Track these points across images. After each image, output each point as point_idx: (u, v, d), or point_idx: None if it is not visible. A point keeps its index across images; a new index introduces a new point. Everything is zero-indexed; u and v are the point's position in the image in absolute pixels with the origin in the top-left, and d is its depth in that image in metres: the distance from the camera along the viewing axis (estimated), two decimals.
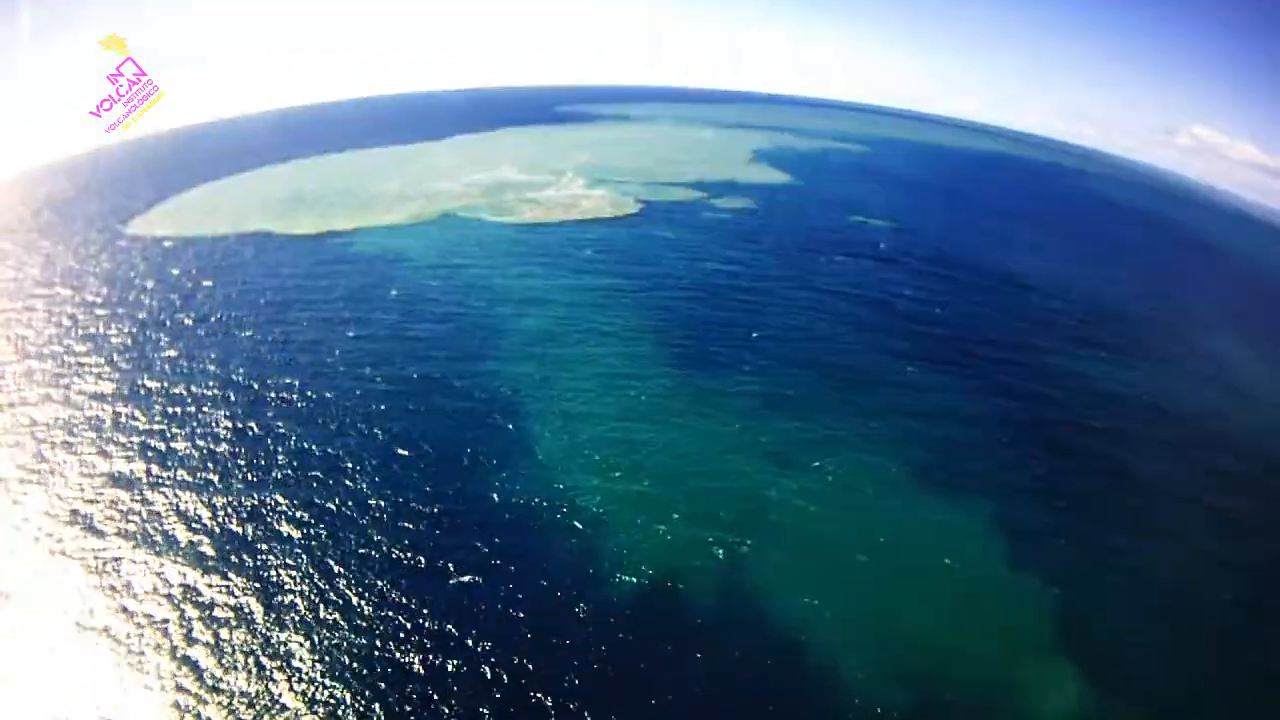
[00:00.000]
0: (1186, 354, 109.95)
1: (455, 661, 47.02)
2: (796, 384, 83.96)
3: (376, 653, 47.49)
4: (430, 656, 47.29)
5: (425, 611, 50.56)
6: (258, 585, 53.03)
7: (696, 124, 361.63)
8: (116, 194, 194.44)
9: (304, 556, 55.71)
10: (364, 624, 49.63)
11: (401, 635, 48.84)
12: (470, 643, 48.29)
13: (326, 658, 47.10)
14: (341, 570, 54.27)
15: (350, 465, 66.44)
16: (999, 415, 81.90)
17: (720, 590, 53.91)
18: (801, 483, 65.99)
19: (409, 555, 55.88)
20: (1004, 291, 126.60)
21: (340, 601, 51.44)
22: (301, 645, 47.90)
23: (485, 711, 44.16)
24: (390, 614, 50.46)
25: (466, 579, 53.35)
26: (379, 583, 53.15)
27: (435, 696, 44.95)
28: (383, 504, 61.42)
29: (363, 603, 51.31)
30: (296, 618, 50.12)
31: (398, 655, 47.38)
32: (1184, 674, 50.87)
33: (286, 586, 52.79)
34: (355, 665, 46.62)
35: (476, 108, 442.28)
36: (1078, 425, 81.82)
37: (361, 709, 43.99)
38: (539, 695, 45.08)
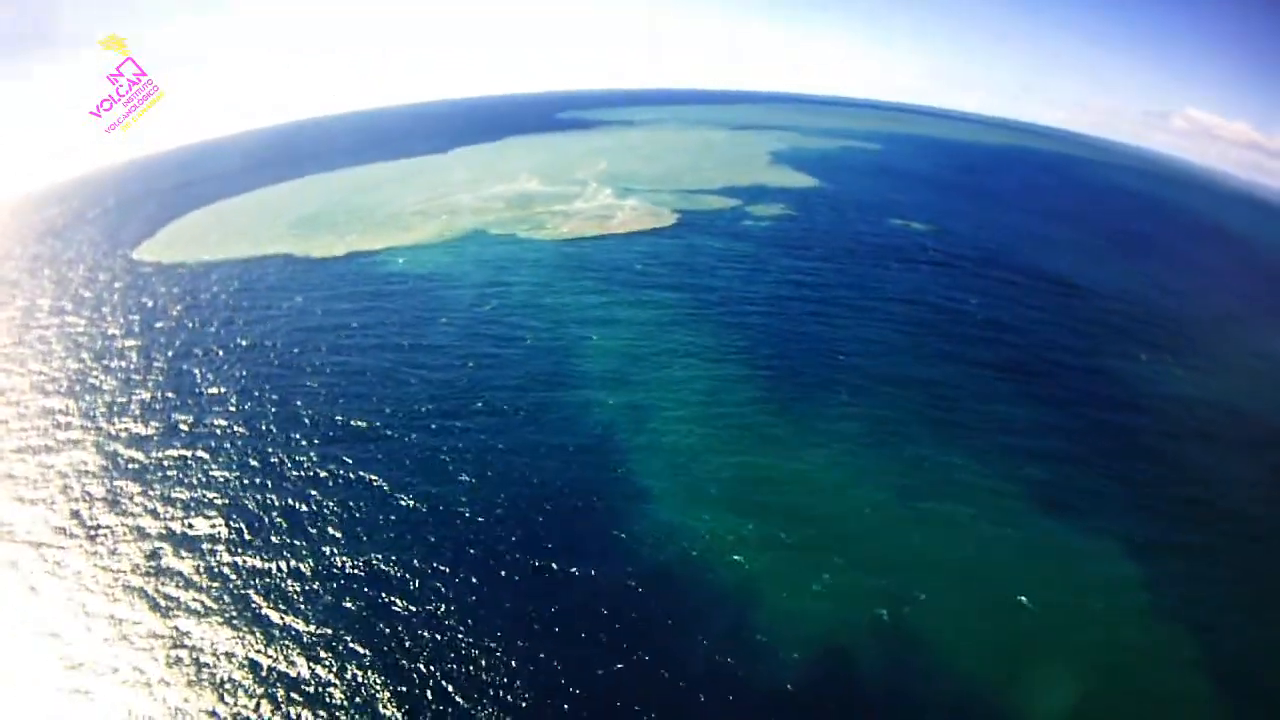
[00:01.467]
0: (1241, 353, 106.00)
1: None
2: (894, 405, 77.92)
3: None
4: None
5: (591, 700, 43.33)
6: (381, 675, 45.38)
7: (703, 126, 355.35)
8: (119, 218, 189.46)
9: (428, 635, 48.16)
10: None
11: None
12: None
13: None
14: (477, 652, 46.64)
15: (455, 520, 59.02)
16: (1093, 426, 78.10)
17: (891, 656, 47.32)
18: (938, 521, 59.94)
19: (552, 627, 48.53)
20: (1057, 294, 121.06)
21: (489, 693, 43.91)
22: None
23: None
24: (552, 702, 43.15)
25: (622, 664, 45.92)
26: (524, 665, 45.68)
27: None
28: (505, 570, 53.90)
29: (515, 695, 43.80)
30: (436, 716, 42.63)
31: None
32: None
33: (417, 676, 45.13)
34: None
35: (475, 118, 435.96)
36: (1165, 432, 78.49)
37: None
38: None
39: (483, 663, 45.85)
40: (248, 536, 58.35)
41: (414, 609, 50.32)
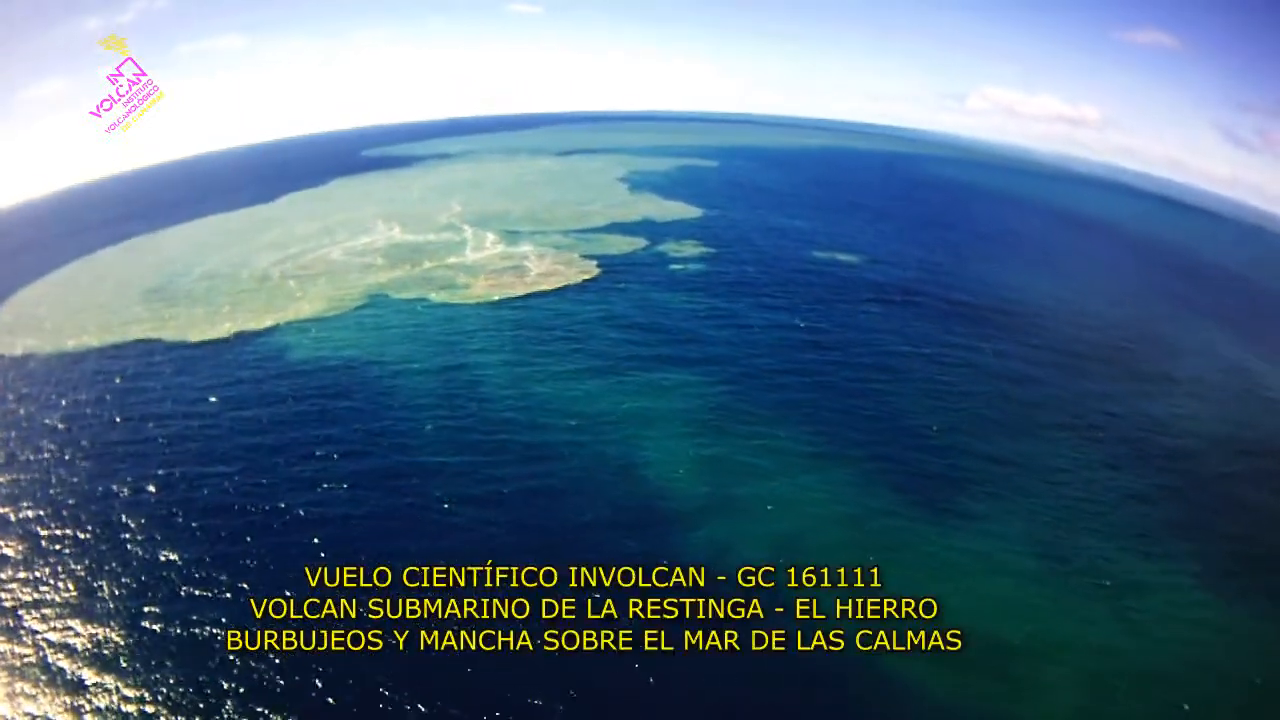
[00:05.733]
0: (1211, 368, 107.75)
1: None
2: (1024, 491, 69.91)
3: None
4: None
5: None
6: None
7: (524, 155, 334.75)
8: None
9: None
10: None
11: None
12: None
13: None
14: None
15: None
16: (1167, 474, 75.92)
17: None
18: (1168, 637, 53.72)
19: None
20: (1034, 330, 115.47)
21: None
22: None
23: None
24: None
25: None
26: None
27: None
28: None
29: None
30: None
31: None
32: None
33: None
34: None
35: (282, 162, 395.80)
36: (1229, 477, 76.90)
37: None
38: None
39: None
40: None
41: None
